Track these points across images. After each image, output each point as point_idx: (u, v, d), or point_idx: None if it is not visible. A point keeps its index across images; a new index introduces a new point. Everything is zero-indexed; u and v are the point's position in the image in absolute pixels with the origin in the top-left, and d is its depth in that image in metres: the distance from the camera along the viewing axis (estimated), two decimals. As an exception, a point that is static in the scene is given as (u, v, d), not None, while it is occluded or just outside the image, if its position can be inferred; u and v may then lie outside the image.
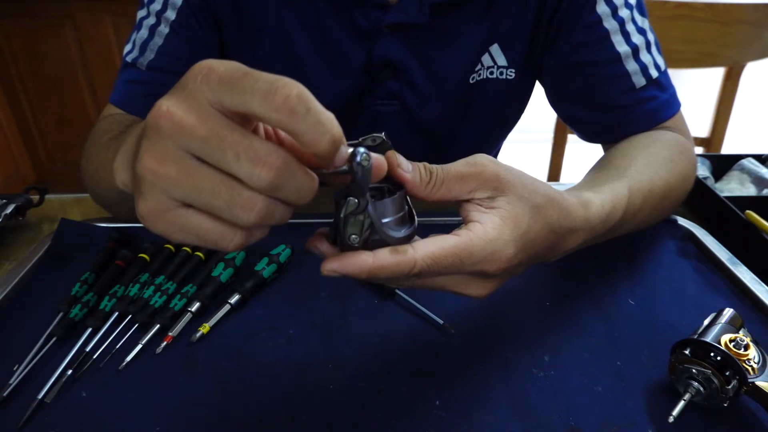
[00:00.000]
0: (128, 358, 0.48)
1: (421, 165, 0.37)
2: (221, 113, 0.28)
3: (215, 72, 0.28)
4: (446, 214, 0.66)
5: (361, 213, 0.34)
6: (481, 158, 0.39)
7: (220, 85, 0.27)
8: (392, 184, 0.37)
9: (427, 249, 0.35)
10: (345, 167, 0.31)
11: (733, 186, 0.83)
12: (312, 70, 0.71)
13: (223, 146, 0.27)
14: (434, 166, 0.38)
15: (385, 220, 0.35)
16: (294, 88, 0.27)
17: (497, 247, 0.37)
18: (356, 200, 0.33)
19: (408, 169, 0.37)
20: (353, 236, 0.34)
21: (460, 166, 0.38)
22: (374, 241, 0.35)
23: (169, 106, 0.28)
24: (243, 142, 0.27)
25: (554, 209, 0.41)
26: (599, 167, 0.64)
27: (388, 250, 0.35)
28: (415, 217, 0.38)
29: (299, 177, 0.29)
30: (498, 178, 0.38)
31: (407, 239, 0.36)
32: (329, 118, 0.28)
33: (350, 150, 0.31)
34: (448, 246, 0.36)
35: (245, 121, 0.29)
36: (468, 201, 0.39)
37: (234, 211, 0.28)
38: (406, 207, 0.37)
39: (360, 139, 0.35)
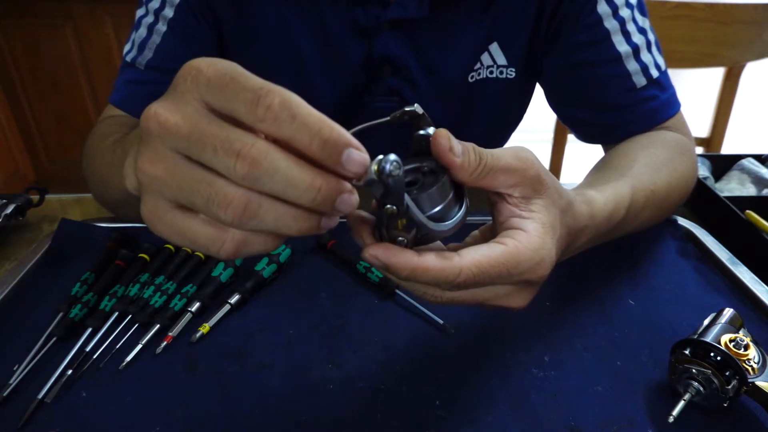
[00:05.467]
0: (128, 358, 0.48)
1: (470, 147, 0.34)
2: (208, 111, 0.28)
3: (203, 74, 0.27)
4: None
5: (403, 216, 0.31)
6: (528, 153, 0.37)
7: (208, 88, 0.27)
8: (432, 161, 0.34)
9: (473, 257, 0.34)
10: (374, 177, 0.28)
11: (733, 186, 0.83)
12: (312, 67, 0.71)
13: (203, 141, 0.27)
14: (485, 152, 0.35)
15: (431, 212, 0.33)
16: (277, 96, 0.26)
17: (543, 255, 0.36)
18: (394, 207, 0.30)
19: (459, 153, 0.34)
20: (400, 239, 0.32)
21: (509, 158, 0.36)
22: (424, 236, 0.33)
23: (156, 108, 0.28)
24: (220, 135, 0.27)
25: (570, 212, 0.41)
26: (600, 168, 0.64)
27: (434, 254, 0.33)
28: (465, 194, 0.35)
29: (284, 166, 0.27)
30: (539, 179, 0.37)
31: (458, 225, 0.34)
32: (317, 120, 0.27)
33: (379, 157, 0.28)
34: (495, 255, 0.34)
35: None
36: (502, 198, 0.37)
37: (212, 208, 0.27)
38: (453, 189, 0.34)
39: (392, 116, 0.33)
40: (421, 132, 0.34)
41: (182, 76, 0.28)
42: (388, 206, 0.30)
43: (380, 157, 0.29)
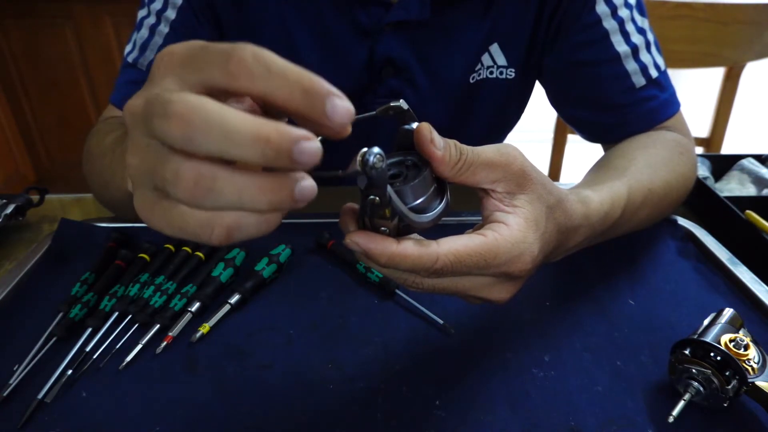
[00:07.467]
0: (128, 358, 0.48)
1: (451, 143, 0.35)
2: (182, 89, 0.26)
3: (175, 54, 0.26)
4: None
5: (386, 207, 0.32)
6: (511, 149, 0.38)
7: (181, 66, 0.26)
8: (416, 155, 0.35)
9: (451, 246, 0.34)
10: (358, 168, 0.29)
11: (733, 186, 0.83)
12: (313, 68, 0.71)
13: (149, 115, 0.24)
14: (465, 147, 0.36)
15: (413, 204, 0.33)
16: (247, 50, 0.24)
17: (523, 249, 0.37)
18: (377, 198, 0.31)
19: (440, 146, 0.34)
20: (382, 228, 0.33)
21: (490, 153, 0.36)
22: (405, 226, 0.34)
23: (131, 100, 0.27)
24: (156, 103, 0.24)
25: (561, 209, 0.41)
26: (598, 167, 0.64)
27: (412, 242, 0.34)
28: (447, 187, 0.36)
29: (217, 119, 0.23)
30: (524, 174, 0.37)
31: (439, 217, 0.35)
32: (294, 70, 0.25)
33: (363, 149, 0.29)
34: (473, 245, 0.35)
35: (226, 97, 0.27)
36: (487, 194, 0.38)
37: (168, 187, 0.25)
38: (435, 182, 0.35)
39: (377, 110, 0.34)
40: (406, 127, 0.35)
41: (156, 64, 0.27)
42: (372, 197, 0.31)
43: (364, 149, 0.29)
